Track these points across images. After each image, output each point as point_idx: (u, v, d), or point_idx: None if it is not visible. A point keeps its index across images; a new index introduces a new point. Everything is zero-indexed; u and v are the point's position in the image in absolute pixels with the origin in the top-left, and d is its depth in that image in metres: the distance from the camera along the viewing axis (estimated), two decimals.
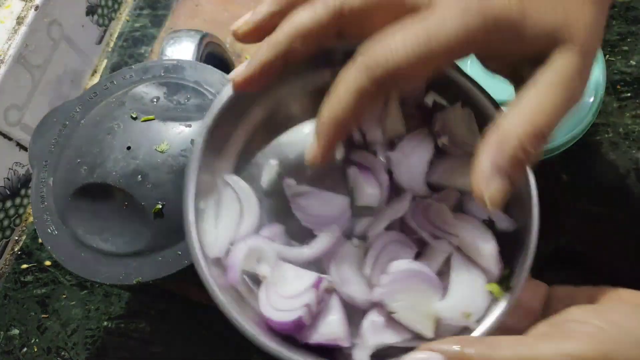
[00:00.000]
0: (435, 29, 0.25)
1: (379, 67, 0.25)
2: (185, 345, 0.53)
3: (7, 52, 0.54)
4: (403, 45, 0.25)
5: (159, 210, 0.37)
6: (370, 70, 0.25)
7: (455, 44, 0.25)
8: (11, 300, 0.58)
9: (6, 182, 0.57)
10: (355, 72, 0.26)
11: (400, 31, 0.25)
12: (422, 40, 0.25)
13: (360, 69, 0.26)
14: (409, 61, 0.25)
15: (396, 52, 0.25)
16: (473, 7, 0.25)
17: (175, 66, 0.44)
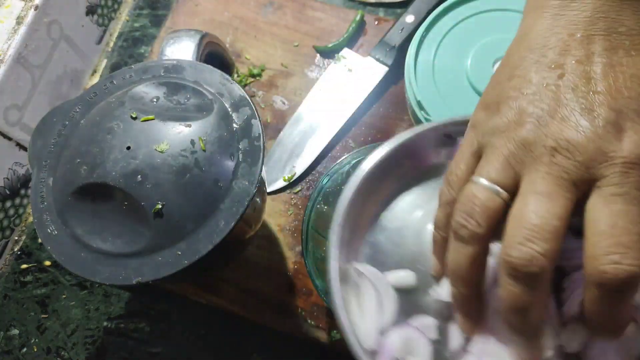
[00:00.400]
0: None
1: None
2: (185, 345, 0.53)
3: (7, 52, 0.54)
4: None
5: (159, 210, 0.37)
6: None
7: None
8: (11, 300, 0.58)
9: (6, 182, 0.57)
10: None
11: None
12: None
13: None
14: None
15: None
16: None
17: (175, 66, 0.44)
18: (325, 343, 0.51)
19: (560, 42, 0.29)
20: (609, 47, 0.28)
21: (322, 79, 0.61)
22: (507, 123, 0.28)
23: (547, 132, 0.27)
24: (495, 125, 0.29)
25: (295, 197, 0.57)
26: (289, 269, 0.54)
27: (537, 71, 0.29)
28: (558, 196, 0.26)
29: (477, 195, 0.28)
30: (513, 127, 0.28)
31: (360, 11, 0.63)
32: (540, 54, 0.29)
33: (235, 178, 0.39)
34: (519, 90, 0.29)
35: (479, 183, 0.28)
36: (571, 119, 0.27)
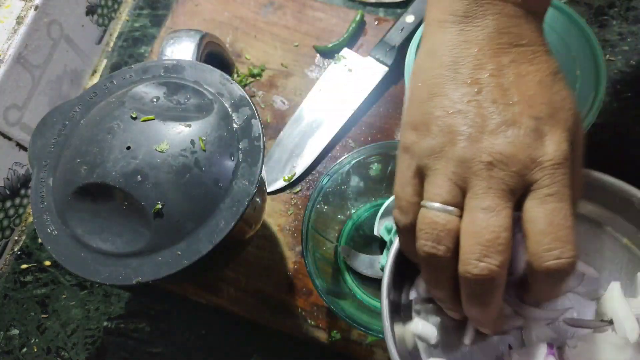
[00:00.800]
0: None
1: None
2: (185, 345, 0.53)
3: (7, 52, 0.54)
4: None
5: (159, 210, 0.37)
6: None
7: None
8: (11, 300, 0.58)
9: (6, 182, 0.57)
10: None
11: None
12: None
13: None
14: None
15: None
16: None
17: (175, 66, 0.44)
18: (325, 343, 0.51)
19: (472, 58, 0.31)
20: (516, 60, 0.31)
21: (322, 79, 0.60)
22: (440, 144, 0.30)
23: (481, 148, 0.29)
24: (429, 146, 0.31)
25: (295, 197, 0.57)
26: (289, 269, 0.54)
27: (455, 88, 0.31)
28: (502, 208, 0.28)
29: (436, 221, 0.29)
30: (448, 147, 0.30)
31: (360, 11, 0.63)
32: (455, 71, 0.31)
33: (235, 178, 0.39)
34: (443, 109, 0.31)
35: (434, 208, 0.30)
36: (499, 132, 0.29)
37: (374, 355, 0.50)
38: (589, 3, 0.61)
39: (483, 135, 0.29)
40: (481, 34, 0.31)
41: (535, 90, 0.30)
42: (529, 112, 0.29)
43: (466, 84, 0.30)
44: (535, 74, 0.31)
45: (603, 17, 0.60)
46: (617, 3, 0.61)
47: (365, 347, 0.50)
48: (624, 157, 0.51)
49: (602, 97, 0.45)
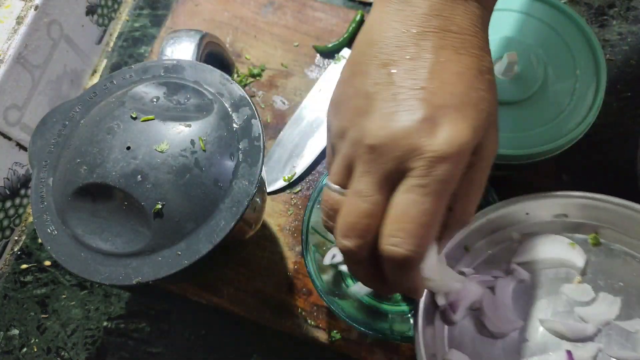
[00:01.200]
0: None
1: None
2: (185, 345, 0.53)
3: (7, 52, 0.54)
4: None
5: (159, 210, 0.37)
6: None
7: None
8: (11, 300, 0.58)
9: (6, 182, 0.57)
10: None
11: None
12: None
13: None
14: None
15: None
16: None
17: (175, 66, 0.44)
18: (325, 343, 0.51)
19: (395, 38, 0.30)
20: (439, 45, 0.29)
21: (322, 79, 0.60)
22: (345, 125, 0.30)
23: (370, 131, 0.29)
24: (338, 127, 0.31)
25: (295, 197, 0.57)
26: (289, 269, 0.54)
27: (373, 69, 0.30)
28: (371, 194, 0.29)
29: (327, 200, 0.32)
30: (349, 129, 0.30)
31: (360, 11, 0.63)
32: (378, 50, 0.30)
33: (235, 178, 0.39)
34: (355, 90, 0.30)
35: (330, 187, 0.32)
36: (392, 116, 0.28)
37: (374, 355, 0.50)
38: (589, 3, 0.61)
39: (377, 118, 0.29)
40: (413, 14, 0.30)
41: (449, 80, 0.29)
42: (431, 99, 0.28)
43: (384, 65, 0.30)
44: (456, 64, 0.29)
45: (603, 17, 0.60)
46: (617, 3, 0.61)
47: (365, 347, 0.50)
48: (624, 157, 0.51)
49: (602, 97, 0.45)
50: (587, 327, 0.38)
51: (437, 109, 0.28)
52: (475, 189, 0.31)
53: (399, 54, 0.29)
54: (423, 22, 0.30)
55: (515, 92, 0.46)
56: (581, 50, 0.47)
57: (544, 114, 0.45)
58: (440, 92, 0.28)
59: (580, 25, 0.47)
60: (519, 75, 0.46)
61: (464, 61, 0.29)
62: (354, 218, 0.29)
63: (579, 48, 0.47)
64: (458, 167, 0.28)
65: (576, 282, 0.40)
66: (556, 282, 0.41)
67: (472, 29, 0.30)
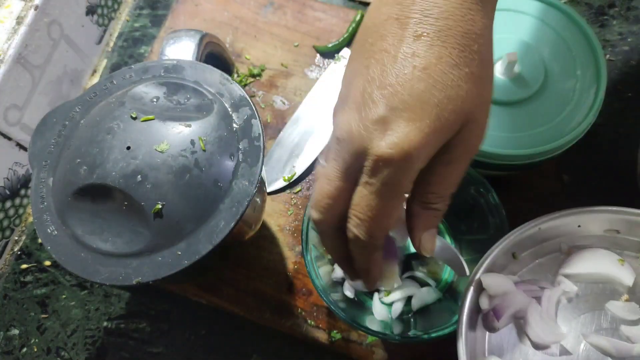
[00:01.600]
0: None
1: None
2: (185, 345, 0.53)
3: (7, 52, 0.54)
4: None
5: (159, 211, 0.37)
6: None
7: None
8: (11, 300, 0.58)
9: (6, 182, 0.57)
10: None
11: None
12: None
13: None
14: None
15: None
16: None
17: (175, 66, 0.44)
18: (325, 343, 0.51)
19: (379, 26, 0.29)
20: (414, 33, 0.28)
21: (322, 79, 0.60)
22: (333, 113, 0.32)
23: (338, 123, 0.31)
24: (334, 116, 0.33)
25: (295, 197, 0.56)
26: (289, 269, 0.54)
27: (357, 59, 0.31)
28: (333, 179, 0.31)
29: (315, 172, 0.34)
30: (334, 117, 0.32)
31: (360, 11, 0.63)
32: (364, 40, 0.30)
33: (235, 178, 0.39)
34: (345, 78, 0.32)
35: (319, 162, 0.33)
36: (354, 111, 0.29)
37: (374, 355, 0.50)
38: (589, 3, 0.61)
39: (344, 111, 0.30)
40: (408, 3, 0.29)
41: (413, 77, 0.27)
42: (390, 99, 0.28)
43: (365, 57, 0.30)
44: (425, 58, 0.27)
45: (603, 17, 0.60)
46: (617, 3, 0.61)
47: (365, 347, 0.50)
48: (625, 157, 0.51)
49: (602, 97, 0.45)
50: (635, 347, 0.37)
51: (392, 110, 0.28)
52: (445, 184, 0.31)
53: (380, 45, 0.29)
54: (405, 6, 0.28)
55: (515, 92, 0.45)
56: (581, 51, 0.47)
57: (544, 114, 0.45)
58: (402, 90, 0.28)
59: (580, 25, 0.47)
60: (519, 75, 0.46)
61: (435, 53, 0.27)
62: (318, 196, 0.32)
63: (580, 48, 0.47)
64: (404, 171, 0.28)
65: (623, 299, 0.40)
66: (602, 298, 0.40)
67: (458, 12, 0.28)
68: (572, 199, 0.52)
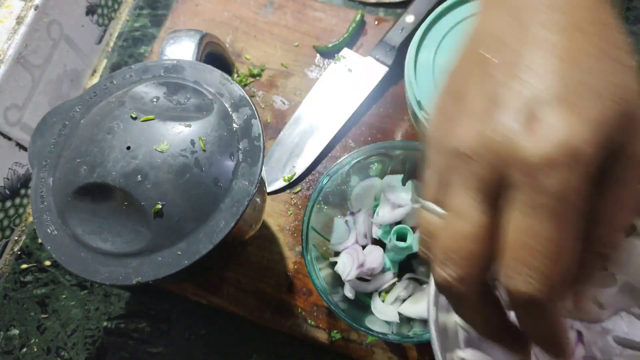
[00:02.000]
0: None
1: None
2: (185, 345, 0.53)
3: (7, 52, 0.54)
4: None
5: (159, 210, 0.37)
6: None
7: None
8: (11, 300, 0.58)
9: (6, 182, 0.57)
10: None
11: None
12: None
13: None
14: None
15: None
16: None
17: (175, 66, 0.44)
18: (325, 343, 0.51)
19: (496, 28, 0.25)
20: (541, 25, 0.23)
21: (322, 79, 0.60)
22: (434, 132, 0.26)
23: (459, 136, 0.23)
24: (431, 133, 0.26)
25: (295, 197, 0.57)
26: (289, 269, 0.54)
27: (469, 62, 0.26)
28: (472, 212, 0.23)
29: (422, 224, 0.25)
30: (438, 135, 0.25)
31: (360, 11, 0.63)
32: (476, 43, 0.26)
33: (235, 178, 0.39)
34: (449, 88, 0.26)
35: (424, 206, 0.25)
36: (484, 115, 0.23)
37: (374, 355, 0.50)
38: None
39: (467, 120, 0.23)
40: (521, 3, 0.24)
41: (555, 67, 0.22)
42: (530, 90, 0.22)
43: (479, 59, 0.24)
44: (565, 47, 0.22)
45: None
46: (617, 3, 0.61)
47: (365, 347, 0.50)
48: None
49: None
50: (604, 313, 0.36)
51: (538, 101, 0.21)
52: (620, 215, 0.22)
53: (496, 43, 0.24)
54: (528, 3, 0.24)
55: None
56: None
57: None
58: (543, 81, 0.22)
59: None
60: None
61: (577, 42, 0.22)
62: (453, 242, 0.23)
63: None
64: (578, 176, 0.20)
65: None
66: None
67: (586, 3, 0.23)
68: None
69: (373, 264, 0.47)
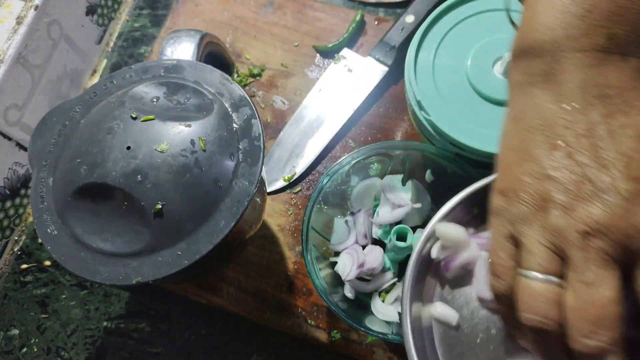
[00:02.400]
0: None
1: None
2: (185, 345, 0.53)
3: (7, 52, 0.54)
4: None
5: (159, 210, 0.37)
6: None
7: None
8: (11, 300, 0.58)
9: (6, 182, 0.57)
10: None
11: None
12: None
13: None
14: None
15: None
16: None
17: (175, 66, 0.44)
18: (325, 343, 0.51)
19: (559, 118, 0.29)
20: (606, 114, 0.28)
21: (322, 79, 0.60)
22: (532, 211, 0.29)
23: (576, 217, 0.27)
24: (521, 213, 0.29)
25: (295, 197, 0.57)
26: (289, 269, 0.54)
27: (545, 152, 0.29)
28: (607, 280, 0.26)
29: (541, 293, 0.28)
30: (540, 215, 0.28)
31: (360, 11, 0.63)
32: (542, 133, 0.29)
33: (235, 178, 0.39)
34: (532, 175, 0.29)
35: (537, 278, 0.28)
36: (594, 199, 0.27)
37: (374, 355, 0.50)
38: None
39: (577, 203, 0.27)
40: (566, 91, 0.29)
41: (632, 146, 0.27)
42: (627, 173, 0.27)
43: (555, 147, 0.28)
44: (631, 128, 0.28)
45: None
46: None
47: (365, 347, 0.50)
48: None
49: None
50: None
51: (636, 182, 0.27)
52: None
53: (568, 133, 0.28)
54: (580, 95, 0.29)
55: None
56: None
57: None
58: (631, 162, 0.27)
59: None
60: None
61: (635, 122, 0.28)
62: (597, 310, 0.26)
63: None
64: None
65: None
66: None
67: (630, 84, 0.29)
68: None
69: (373, 264, 0.47)
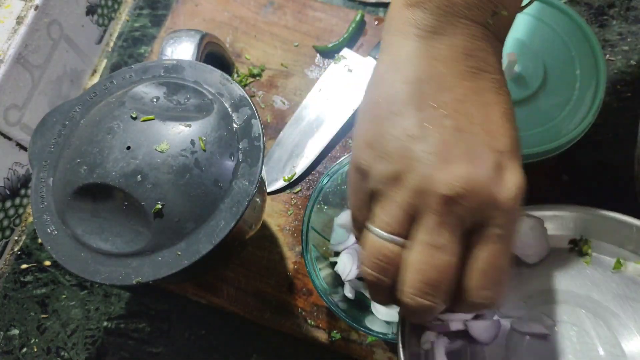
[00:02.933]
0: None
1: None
2: (185, 345, 0.53)
3: (7, 52, 0.54)
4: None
5: (159, 210, 0.37)
6: None
7: None
8: (11, 300, 0.58)
9: (6, 182, 0.57)
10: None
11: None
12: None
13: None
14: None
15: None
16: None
17: (175, 66, 0.44)
18: (325, 343, 0.51)
19: (438, 78, 0.29)
20: (482, 87, 0.29)
21: (322, 79, 0.60)
22: (397, 170, 0.28)
23: (441, 179, 0.27)
24: (386, 172, 0.29)
25: (295, 197, 0.57)
26: (289, 269, 0.54)
27: (418, 109, 0.28)
28: (450, 246, 0.27)
29: (383, 252, 0.29)
30: (405, 175, 0.28)
31: (360, 11, 0.63)
32: (418, 89, 0.29)
33: (235, 178, 0.39)
34: (403, 131, 0.28)
35: (382, 237, 0.29)
36: (461, 163, 0.27)
37: (374, 355, 0.50)
38: (589, 3, 0.61)
39: (444, 166, 0.27)
40: (449, 54, 0.29)
41: (499, 123, 0.29)
42: (493, 144, 0.28)
43: (430, 106, 0.28)
44: (500, 105, 0.29)
45: (603, 17, 0.60)
46: (617, 3, 0.61)
47: (365, 347, 0.50)
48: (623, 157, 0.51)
49: (602, 97, 0.45)
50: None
51: (500, 154, 0.28)
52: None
53: (445, 95, 0.28)
54: (461, 62, 0.29)
55: (515, 92, 0.46)
56: (581, 50, 0.47)
57: (544, 114, 0.45)
58: (497, 135, 0.28)
59: (580, 25, 0.47)
60: (519, 75, 0.46)
61: (503, 102, 0.29)
62: (436, 274, 0.27)
63: (579, 48, 0.47)
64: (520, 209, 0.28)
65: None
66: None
67: (500, 68, 0.30)
68: (571, 198, 0.52)
69: None
